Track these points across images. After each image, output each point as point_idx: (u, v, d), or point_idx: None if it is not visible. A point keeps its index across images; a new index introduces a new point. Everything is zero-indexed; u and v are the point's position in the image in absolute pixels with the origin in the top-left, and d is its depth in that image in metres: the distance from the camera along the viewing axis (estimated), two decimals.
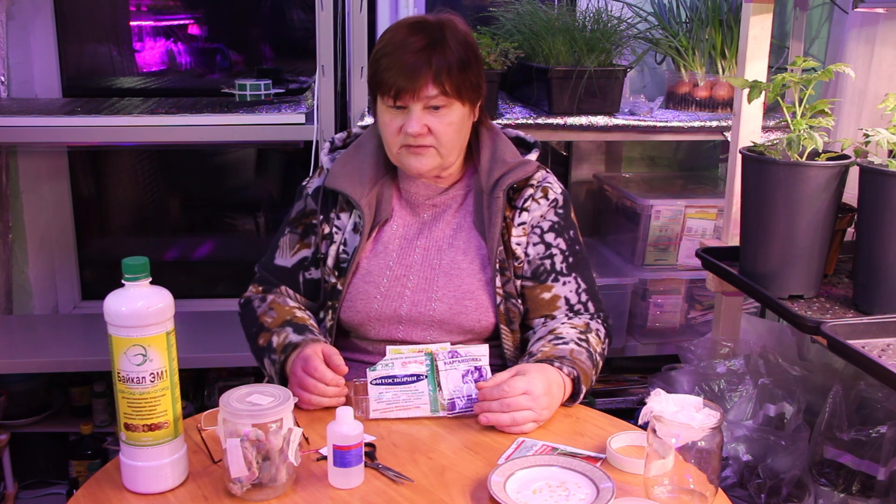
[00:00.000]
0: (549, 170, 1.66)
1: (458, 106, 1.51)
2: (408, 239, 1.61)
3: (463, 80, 1.49)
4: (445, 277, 1.57)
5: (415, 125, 1.48)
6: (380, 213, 1.60)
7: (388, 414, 1.40)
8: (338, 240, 1.60)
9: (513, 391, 1.34)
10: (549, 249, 1.60)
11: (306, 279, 1.65)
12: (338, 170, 1.60)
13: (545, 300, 1.59)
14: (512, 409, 1.34)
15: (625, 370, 2.74)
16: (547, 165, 1.70)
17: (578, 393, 1.45)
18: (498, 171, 1.57)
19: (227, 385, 2.58)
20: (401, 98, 1.47)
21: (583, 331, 1.53)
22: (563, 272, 1.60)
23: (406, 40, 1.47)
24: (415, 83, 1.45)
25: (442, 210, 1.62)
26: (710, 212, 2.46)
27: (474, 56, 1.53)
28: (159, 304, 1.15)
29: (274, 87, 2.44)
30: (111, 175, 2.97)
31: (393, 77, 1.46)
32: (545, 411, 1.37)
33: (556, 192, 1.62)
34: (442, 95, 1.47)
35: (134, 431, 1.17)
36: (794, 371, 1.84)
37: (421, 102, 1.47)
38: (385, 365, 1.41)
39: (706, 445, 1.16)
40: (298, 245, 1.65)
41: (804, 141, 1.53)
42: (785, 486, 1.67)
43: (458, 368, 1.41)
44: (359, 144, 1.64)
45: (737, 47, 2.21)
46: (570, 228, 1.63)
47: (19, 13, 2.56)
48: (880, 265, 1.48)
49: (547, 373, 1.40)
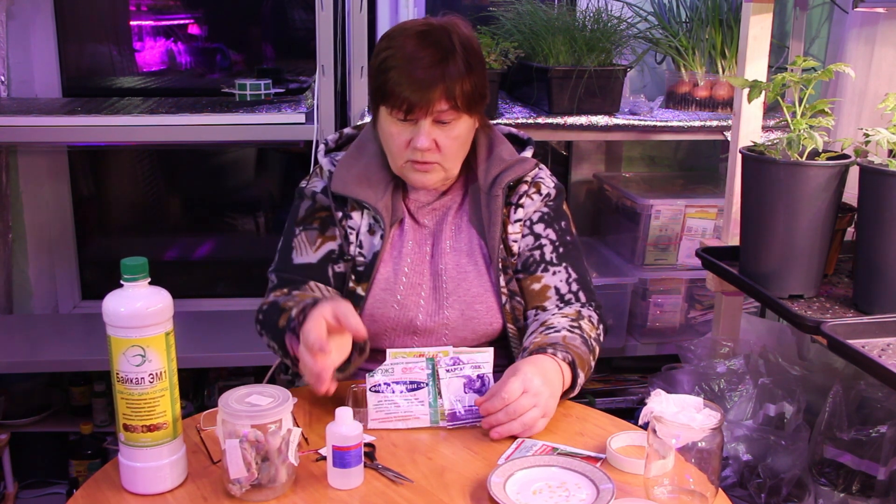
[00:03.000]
0: (542, 165, 1.65)
1: (466, 118, 1.49)
2: (418, 243, 1.58)
3: (473, 92, 1.46)
4: (453, 283, 1.55)
5: (424, 140, 1.45)
6: (394, 215, 1.57)
7: (386, 424, 1.36)
8: (353, 241, 1.56)
9: (512, 395, 1.30)
10: (539, 240, 1.58)
11: (336, 272, 1.57)
12: (344, 174, 1.55)
13: (535, 291, 1.57)
14: (518, 413, 1.30)
15: (625, 370, 2.74)
16: (547, 165, 1.70)
17: (576, 378, 1.41)
18: (496, 169, 1.55)
19: (227, 385, 2.58)
20: (412, 113, 1.44)
21: (574, 318, 1.51)
22: (553, 262, 1.57)
23: (416, 54, 1.44)
24: (427, 98, 1.43)
25: (443, 213, 1.59)
26: (710, 212, 2.46)
27: (480, 64, 1.51)
28: (158, 304, 1.15)
29: (274, 86, 2.44)
30: (111, 175, 2.97)
31: (405, 92, 1.43)
32: (550, 401, 1.34)
33: (549, 187, 1.60)
34: (453, 110, 1.45)
35: (133, 432, 1.17)
36: (794, 371, 1.84)
37: (431, 116, 1.45)
38: (385, 371, 1.38)
39: (706, 446, 1.16)
40: (320, 239, 1.58)
41: (804, 141, 1.53)
42: (785, 485, 1.67)
43: (459, 376, 1.38)
44: (360, 146, 1.60)
45: (737, 47, 2.21)
46: (560, 219, 1.61)
47: (19, 13, 2.56)
48: (880, 265, 1.48)
49: (540, 363, 1.37)
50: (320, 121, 2.18)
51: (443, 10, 1.60)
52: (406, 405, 1.37)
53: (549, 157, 2.83)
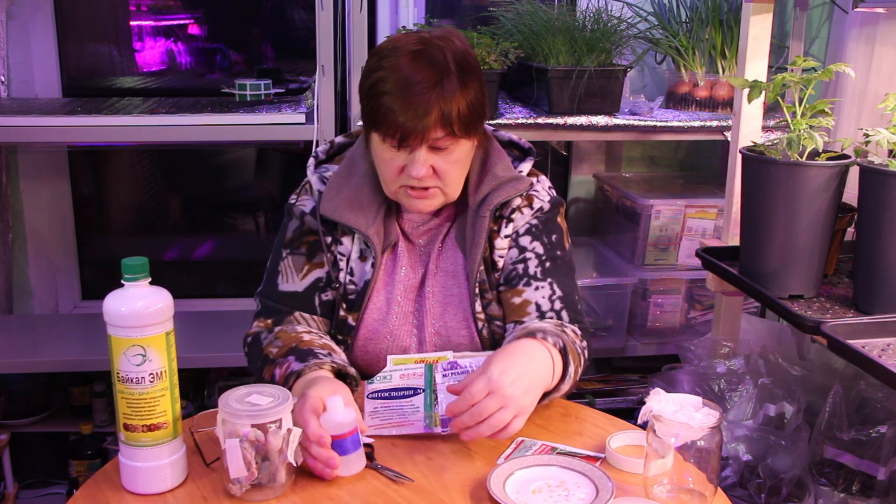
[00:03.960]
0: (543, 176, 1.57)
1: (466, 142, 1.41)
2: (412, 267, 1.52)
3: (470, 115, 1.37)
4: (440, 307, 1.50)
5: (420, 169, 1.37)
6: (387, 240, 1.50)
7: (381, 431, 1.35)
8: (343, 267, 1.50)
9: (475, 397, 1.21)
10: (523, 253, 1.49)
11: (323, 301, 1.52)
12: (334, 196, 1.47)
13: (515, 305, 1.48)
14: (483, 416, 1.21)
15: (625, 370, 2.74)
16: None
17: (567, 367, 1.32)
18: (487, 187, 1.47)
19: (227, 385, 2.58)
20: (406, 141, 1.36)
21: (558, 325, 1.42)
22: (537, 277, 1.48)
23: (411, 78, 1.34)
24: (423, 126, 1.34)
25: (436, 234, 1.53)
26: (710, 212, 2.46)
27: (478, 81, 1.41)
28: (159, 304, 1.15)
29: (274, 86, 2.43)
30: (111, 175, 2.97)
31: (399, 118, 1.34)
32: (525, 398, 1.23)
33: (543, 200, 1.52)
34: (449, 137, 1.37)
35: (133, 432, 1.17)
36: (794, 371, 1.84)
37: (427, 144, 1.37)
38: (383, 378, 1.38)
39: (705, 445, 1.16)
40: (307, 266, 1.52)
41: (804, 141, 1.53)
42: (785, 485, 1.67)
43: (454, 382, 1.36)
44: (350, 164, 1.52)
45: (737, 47, 2.21)
46: (551, 233, 1.52)
47: (19, 13, 2.56)
48: (880, 265, 1.48)
49: (521, 350, 1.27)
50: (320, 121, 2.18)
51: (437, 24, 1.56)
52: (401, 411, 1.37)
53: (550, 157, 2.83)
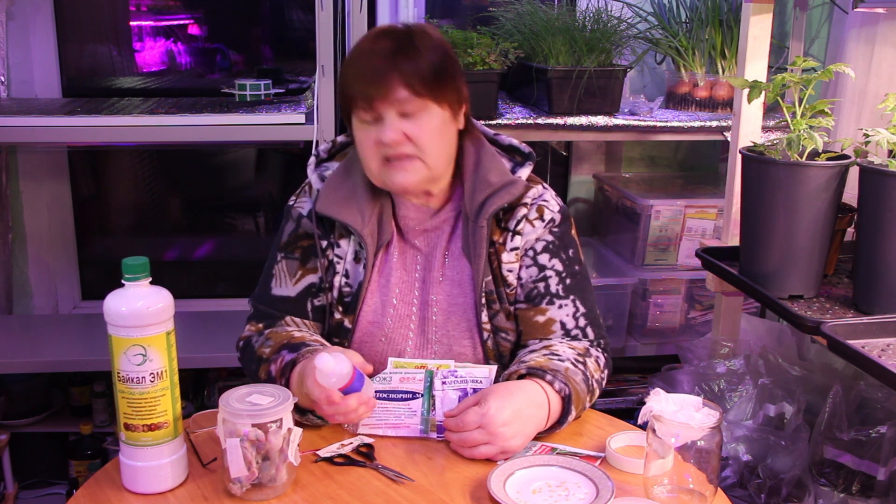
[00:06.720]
0: (546, 185, 1.53)
1: (436, 109, 1.39)
2: (407, 269, 1.50)
3: (437, 80, 1.37)
4: (443, 315, 1.48)
5: (389, 132, 1.36)
6: (381, 238, 1.48)
7: (376, 430, 1.36)
8: (340, 270, 1.49)
9: (465, 426, 1.28)
10: (543, 272, 1.47)
11: (315, 306, 1.51)
12: (331, 194, 1.47)
13: (539, 323, 1.47)
14: (467, 445, 1.27)
15: (625, 370, 2.74)
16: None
17: (566, 415, 1.35)
18: (481, 194, 1.44)
19: (227, 385, 2.58)
20: (372, 106, 1.36)
21: (581, 353, 1.43)
22: (560, 294, 1.47)
23: (372, 47, 1.38)
24: (384, 87, 1.34)
25: (435, 237, 1.50)
26: (710, 212, 2.46)
27: (448, 58, 1.42)
28: (159, 304, 1.15)
29: (274, 87, 2.43)
30: (111, 175, 2.97)
31: (361, 85, 1.36)
32: (513, 440, 1.27)
33: (553, 211, 1.48)
34: (416, 98, 1.36)
35: (134, 431, 1.17)
36: (794, 371, 1.84)
37: (394, 108, 1.36)
38: (383, 379, 1.39)
39: (705, 445, 1.16)
40: (301, 271, 1.51)
41: (804, 141, 1.53)
42: (785, 486, 1.67)
43: (455, 389, 1.37)
44: (348, 165, 1.51)
45: (737, 47, 2.21)
46: (568, 248, 1.50)
47: (19, 13, 2.56)
48: (880, 265, 1.48)
49: (519, 395, 1.31)
50: (320, 121, 2.18)
51: (437, 23, 1.57)
52: (398, 413, 1.37)
53: (549, 158, 2.83)
